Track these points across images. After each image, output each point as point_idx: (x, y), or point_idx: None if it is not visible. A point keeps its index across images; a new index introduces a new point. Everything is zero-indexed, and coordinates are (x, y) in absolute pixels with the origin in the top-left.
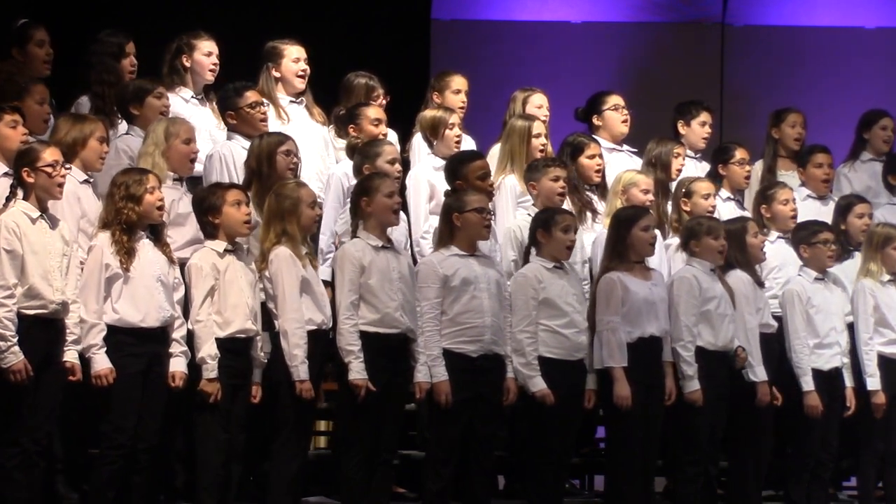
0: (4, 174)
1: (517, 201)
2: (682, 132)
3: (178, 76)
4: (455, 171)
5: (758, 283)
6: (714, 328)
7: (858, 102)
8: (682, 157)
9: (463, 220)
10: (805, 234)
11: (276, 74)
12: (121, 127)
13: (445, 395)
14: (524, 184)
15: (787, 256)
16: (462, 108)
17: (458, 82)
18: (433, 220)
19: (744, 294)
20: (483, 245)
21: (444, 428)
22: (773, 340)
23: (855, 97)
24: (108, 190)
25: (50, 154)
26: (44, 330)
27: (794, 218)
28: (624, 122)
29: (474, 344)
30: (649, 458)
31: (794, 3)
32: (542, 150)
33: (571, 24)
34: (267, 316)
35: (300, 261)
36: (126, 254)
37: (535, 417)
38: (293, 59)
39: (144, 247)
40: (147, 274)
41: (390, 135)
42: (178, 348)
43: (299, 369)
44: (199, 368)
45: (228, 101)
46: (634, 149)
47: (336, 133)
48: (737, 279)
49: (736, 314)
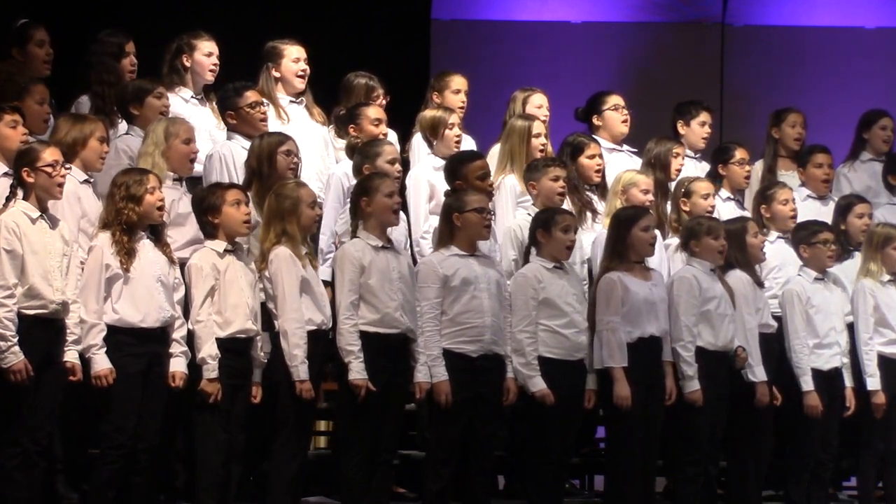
0: (4, 174)
1: (517, 201)
2: (681, 132)
3: (178, 76)
4: (455, 171)
5: (757, 284)
6: (714, 328)
7: (858, 102)
8: (682, 156)
9: (463, 220)
10: (805, 234)
11: (276, 74)
12: (121, 127)
13: (445, 395)
14: (524, 184)
15: (786, 256)
16: (462, 108)
17: (457, 82)
18: (433, 220)
19: (743, 294)
20: (483, 245)
21: (444, 428)
22: (772, 340)
23: (855, 97)
24: (108, 190)
25: (50, 154)
26: (44, 330)
27: (793, 218)
28: (624, 122)
29: (474, 344)
30: (649, 458)
31: (794, 3)
32: (541, 149)
33: (571, 24)
34: (267, 316)
35: (300, 261)
36: (126, 254)
37: (535, 417)
38: (293, 59)
39: (145, 247)
40: (147, 274)
41: (390, 135)
42: (178, 348)
43: (299, 369)
44: (200, 368)
45: (228, 100)
46: (634, 149)
47: (336, 133)
48: (736, 279)
49: (736, 314)
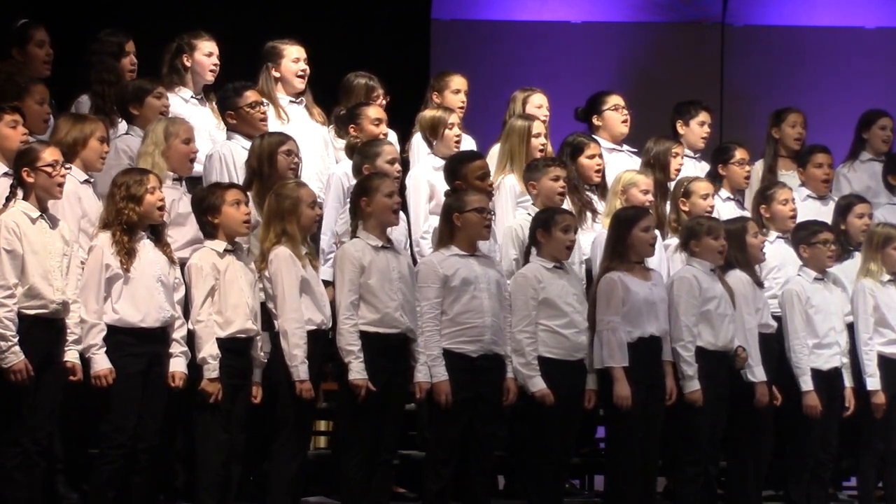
0: (4, 174)
1: (517, 201)
2: (681, 132)
3: (178, 76)
4: (454, 171)
5: (757, 284)
6: (714, 328)
7: (858, 102)
8: (681, 156)
9: (463, 220)
10: (805, 234)
11: (276, 74)
12: (120, 127)
13: (445, 395)
14: (524, 184)
15: (786, 256)
16: (462, 107)
17: (457, 82)
18: (433, 220)
19: (743, 294)
20: (482, 245)
21: (444, 428)
22: (772, 340)
23: (855, 97)
24: (108, 190)
25: (50, 154)
26: (44, 330)
27: (793, 218)
28: (624, 123)
29: (474, 344)
30: (650, 458)
31: (794, 3)
32: (541, 149)
33: (571, 24)
34: (267, 316)
35: (300, 261)
36: (126, 254)
37: (535, 417)
38: (293, 59)
39: (145, 247)
40: (147, 274)
41: (390, 135)
42: (178, 348)
43: (299, 369)
44: (200, 368)
45: (228, 100)
46: (634, 149)
47: (336, 133)
48: (736, 279)
49: (736, 314)
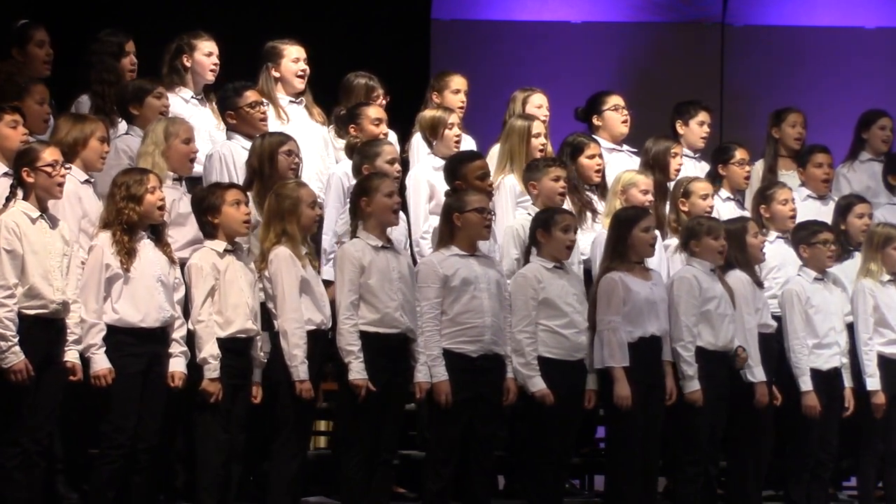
0: (4, 174)
1: (517, 201)
2: (680, 132)
3: (178, 76)
4: (454, 171)
5: (757, 284)
6: (714, 328)
7: (858, 102)
8: (680, 156)
9: (463, 220)
10: (805, 234)
11: (276, 74)
12: (120, 127)
13: (445, 395)
14: (523, 183)
15: (786, 256)
16: (461, 107)
17: (457, 82)
18: (433, 220)
19: (743, 294)
20: (482, 245)
21: (444, 428)
22: (772, 340)
23: (855, 97)
24: (108, 190)
25: (49, 154)
26: (44, 330)
27: (792, 218)
28: (624, 123)
29: (474, 344)
30: (650, 458)
31: (794, 3)
32: (541, 149)
33: (571, 24)
34: (266, 316)
35: (300, 261)
36: (127, 254)
37: (534, 417)
38: (293, 59)
39: (145, 247)
40: (147, 274)
41: (390, 135)
42: (177, 348)
43: (299, 369)
44: (201, 368)
45: (228, 100)
46: (634, 149)
47: (336, 133)
48: (736, 279)
49: (736, 314)
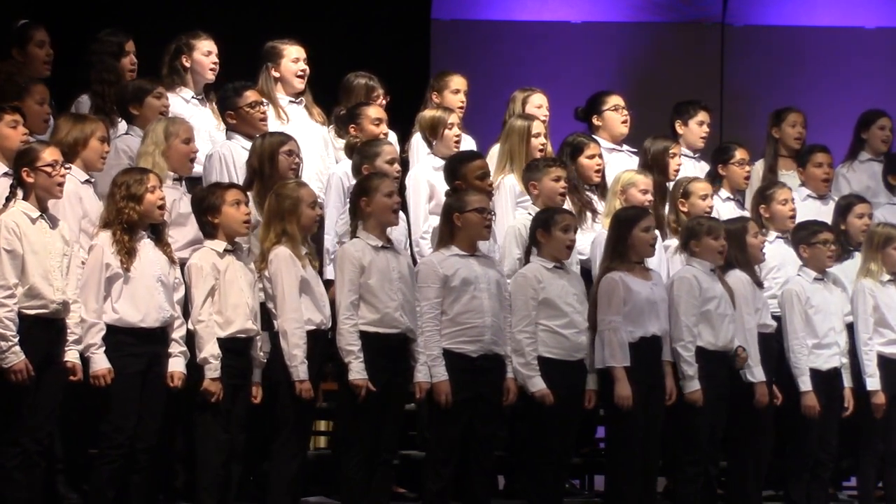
0: (4, 174)
1: (516, 201)
2: (680, 132)
3: (178, 77)
4: (454, 171)
5: (757, 284)
6: (714, 328)
7: (858, 102)
8: (679, 156)
9: (464, 220)
10: (805, 234)
11: (276, 74)
12: (120, 127)
13: (445, 395)
14: (523, 183)
15: (785, 256)
16: (461, 107)
17: (457, 82)
18: (433, 220)
19: (742, 294)
20: (482, 245)
21: (444, 428)
22: (771, 340)
23: (855, 97)
24: (108, 190)
25: (49, 154)
26: (44, 330)
27: (792, 218)
28: (624, 123)
29: (474, 344)
30: (650, 458)
31: (794, 3)
32: (541, 149)
33: (571, 24)
34: (266, 316)
35: (300, 261)
36: (127, 253)
37: (534, 417)
38: (292, 59)
39: (145, 247)
40: (147, 274)
41: (390, 135)
42: (177, 348)
43: (298, 369)
44: (201, 368)
45: (228, 100)
46: (634, 149)
47: (336, 133)
48: (736, 279)
49: (736, 314)
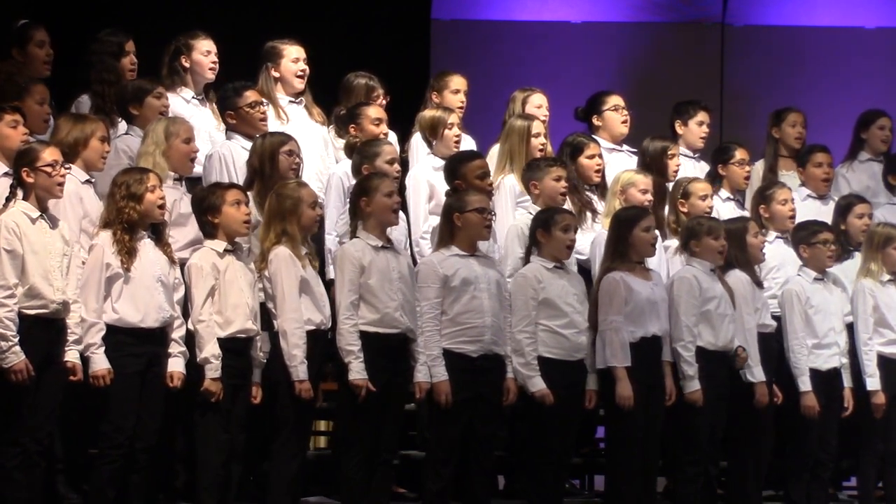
0: (4, 174)
1: (517, 201)
2: (679, 132)
3: (178, 77)
4: (454, 171)
5: (757, 284)
6: (714, 328)
7: (858, 102)
8: (677, 156)
9: (464, 220)
10: (805, 234)
11: (276, 74)
12: (120, 127)
13: (445, 395)
14: (523, 183)
15: (785, 256)
16: (461, 107)
17: (456, 82)
18: (433, 220)
19: (743, 294)
20: (482, 245)
21: (444, 428)
22: (771, 340)
23: (855, 97)
24: (109, 190)
25: (49, 154)
26: (44, 330)
27: (792, 218)
28: (624, 123)
29: (474, 344)
30: (650, 458)
31: (794, 3)
32: (541, 149)
33: (571, 24)
34: (266, 316)
35: (300, 261)
36: (127, 253)
37: (534, 417)
38: (292, 59)
39: (145, 246)
40: (147, 274)
41: (390, 135)
42: (176, 348)
43: (298, 369)
44: (201, 368)
45: (228, 100)
46: (634, 149)
47: (336, 133)
48: (736, 279)
49: (736, 314)
